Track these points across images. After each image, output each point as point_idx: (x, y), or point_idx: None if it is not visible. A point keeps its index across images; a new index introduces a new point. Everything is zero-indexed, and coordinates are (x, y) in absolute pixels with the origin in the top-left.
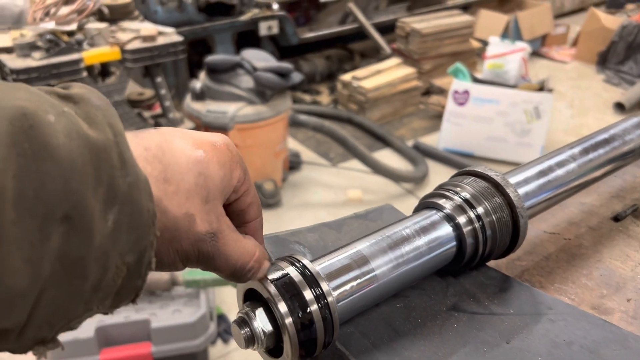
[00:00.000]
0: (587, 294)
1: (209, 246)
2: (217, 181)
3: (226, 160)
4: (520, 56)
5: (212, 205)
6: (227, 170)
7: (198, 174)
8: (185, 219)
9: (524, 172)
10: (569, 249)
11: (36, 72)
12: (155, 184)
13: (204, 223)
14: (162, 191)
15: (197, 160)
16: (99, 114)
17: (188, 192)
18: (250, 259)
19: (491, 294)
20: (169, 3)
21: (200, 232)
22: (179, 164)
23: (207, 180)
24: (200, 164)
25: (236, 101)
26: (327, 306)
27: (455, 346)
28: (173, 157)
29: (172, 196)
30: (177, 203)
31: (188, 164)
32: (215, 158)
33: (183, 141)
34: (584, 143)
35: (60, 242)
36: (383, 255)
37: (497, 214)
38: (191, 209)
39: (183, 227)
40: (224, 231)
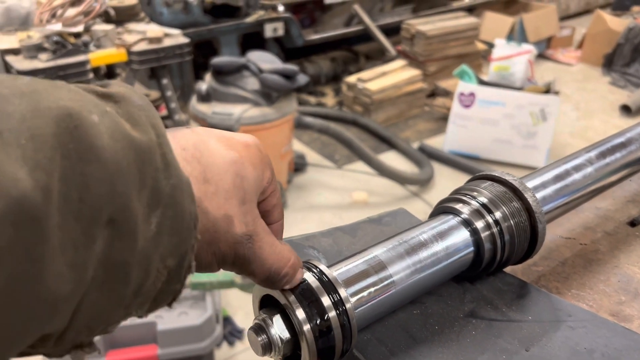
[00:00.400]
0: (605, 301)
1: (245, 249)
2: (252, 182)
3: (258, 161)
4: (526, 58)
5: (248, 206)
6: (259, 171)
7: (235, 174)
8: (224, 221)
9: (540, 176)
10: (585, 254)
11: (43, 74)
12: (195, 185)
13: (242, 224)
14: (203, 192)
15: (233, 161)
16: (142, 114)
17: (227, 192)
18: (285, 264)
19: (509, 300)
20: (174, 5)
21: (237, 234)
22: (217, 164)
23: (244, 181)
24: (236, 164)
25: (242, 103)
26: (345, 313)
27: (473, 353)
28: (211, 157)
29: (212, 197)
30: (217, 204)
31: (225, 165)
32: (249, 159)
33: (218, 142)
34: (600, 147)
35: (104, 246)
36: (400, 261)
37: (515, 219)
38: (230, 210)
39: (222, 228)
40: (260, 234)
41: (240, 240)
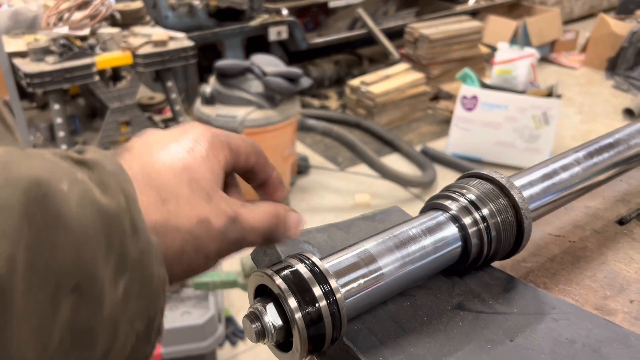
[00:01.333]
0: (590, 295)
1: (235, 233)
2: (208, 176)
3: (207, 148)
4: (529, 62)
5: (216, 198)
6: (212, 159)
7: (189, 181)
8: (200, 226)
9: (528, 175)
10: (573, 252)
11: (49, 76)
12: (156, 211)
13: (219, 218)
14: (166, 212)
15: (182, 169)
16: (112, 179)
17: (189, 201)
18: (271, 216)
19: (496, 293)
20: (179, 8)
21: (221, 227)
22: (168, 181)
23: (200, 182)
24: (187, 171)
25: (245, 105)
26: (335, 302)
27: (460, 343)
28: (160, 175)
29: (177, 213)
30: (185, 216)
31: (176, 176)
32: (197, 154)
33: (161, 154)
34: (588, 147)
35: (69, 312)
36: (390, 254)
37: (502, 216)
38: (201, 214)
39: (202, 233)
40: (239, 210)
41: (226, 229)
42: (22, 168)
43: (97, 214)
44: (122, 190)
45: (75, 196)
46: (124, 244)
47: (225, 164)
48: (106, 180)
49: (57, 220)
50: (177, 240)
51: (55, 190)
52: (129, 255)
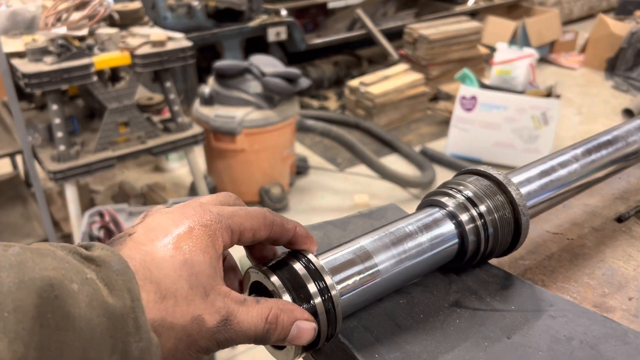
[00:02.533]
0: (589, 293)
1: (225, 334)
2: (207, 269)
3: (205, 240)
4: (528, 62)
5: (213, 294)
6: (210, 251)
7: (189, 276)
8: (194, 323)
9: (526, 172)
10: (571, 249)
11: (48, 77)
12: (154, 307)
13: (212, 316)
14: (163, 310)
15: (182, 262)
16: (119, 279)
17: (186, 298)
18: (262, 322)
19: (493, 291)
20: (178, 9)
21: (212, 327)
22: (168, 275)
23: (199, 276)
24: (186, 265)
25: (244, 106)
26: (330, 299)
27: (456, 341)
28: (160, 270)
29: (173, 310)
30: (181, 313)
31: (176, 271)
32: (196, 246)
33: (163, 245)
34: (586, 144)
35: None
36: (386, 251)
37: (499, 212)
38: (196, 311)
39: (194, 330)
40: (234, 311)
41: (217, 330)
42: (36, 268)
43: (105, 314)
44: (127, 290)
45: (85, 297)
46: (127, 342)
47: (224, 248)
48: (113, 279)
49: (67, 321)
50: (171, 339)
51: (66, 291)
52: (130, 354)
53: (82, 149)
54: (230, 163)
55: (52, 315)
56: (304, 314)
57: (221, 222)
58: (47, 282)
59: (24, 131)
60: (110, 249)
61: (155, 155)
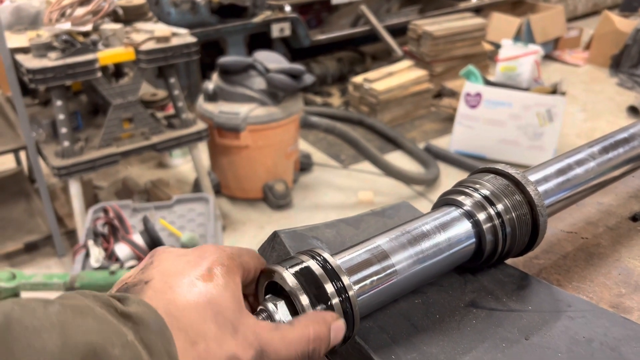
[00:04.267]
0: (605, 293)
1: None
2: (231, 305)
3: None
4: (533, 59)
5: (242, 328)
6: (231, 285)
7: (214, 315)
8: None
9: (543, 170)
10: (586, 248)
11: (52, 72)
12: (187, 356)
13: (246, 351)
14: (195, 354)
15: (206, 303)
16: (158, 342)
17: (216, 339)
18: (307, 344)
19: (509, 291)
20: (182, 5)
21: None
22: (195, 320)
23: (224, 312)
24: (210, 304)
25: (248, 102)
26: (348, 300)
27: (474, 342)
28: (185, 317)
29: (206, 355)
30: (214, 356)
31: (201, 315)
32: (217, 284)
33: (183, 289)
34: (603, 142)
35: None
36: (403, 251)
37: (517, 212)
38: (229, 350)
39: None
40: (268, 341)
41: None
42: (78, 331)
43: None
44: (167, 353)
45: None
46: None
47: (241, 285)
48: (152, 342)
49: None
50: None
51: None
52: None
53: (86, 145)
54: (234, 159)
55: None
56: (332, 315)
57: (235, 260)
58: (90, 347)
59: (28, 127)
60: (146, 305)
61: (159, 152)
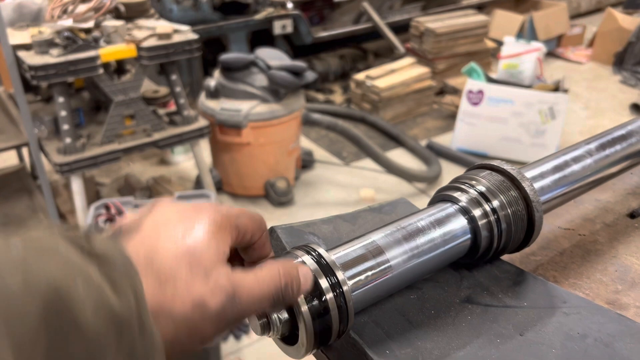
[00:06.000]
0: (602, 289)
1: (233, 308)
2: (211, 253)
3: (214, 230)
4: (536, 56)
5: (215, 275)
6: (217, 239)
7: (189, 263)
8: (195, 308)
9: (539, 167)
10: (583, 245)
11: (54, 69)
12: (152, 293)
13: (216, 297)
14: (161, 295)
15: (184, 252)
16: (124, 279)
17: (186, 282)
18: (278, 277)
19: (505, 287)
20: (184, 2)
21: (218, 308)
22: (169, 265)
23: (201, 260)
24: (189, 252)
25: (250, 99)
26: (342, 295)
27: (468, 337)
28: (161, 260)
29: (172, 296)
30: (180, 299)
31: (177, 260)
32: (203, 237)
33: (168, 238)
34: (600, 139)
35: None
36: (398, 246)
37: (513, 208)
38: (196, 295)
39: (197, 317)
40: (240, 283)
41: (223, 309)
42: (40, 271)
43: (110, 319)
44: (132, 290)
45: (91, 301)
46: (133, 343)
47: (231, 244)
48: (118, 279)
49: (74, 327)
50: (170, 329)
51: (72, 296)
52: (136, 353)
53: (88, 142)
54: (236, 156)
55: (58, 322)
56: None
57: (230, 220)
58: (53, 286)
59: (30, 123)
60: (112, 243)
61: (161, 148)
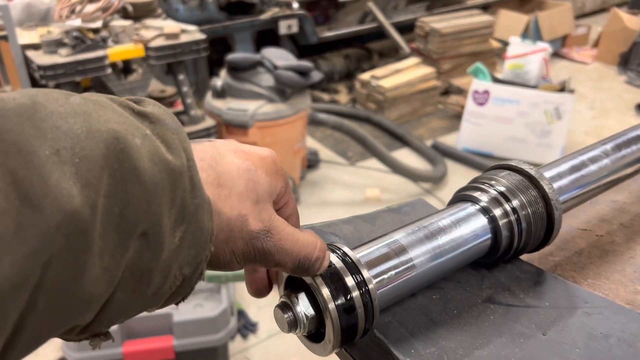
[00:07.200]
0: (621, 290)
1: (264, 242)
2: (266, 186)
3: (272, 171)
4: (541, 56)
5: (262, 205)
6: (272, 179)
7: (247, 179)
8: (238, 220)
9: (557, 167)
10: (601, 246)
11: (62, 69)
12: (210, 189)
13: (257, 222)
14: (216, 195)
15: (246, 168)
16: (175, 138)
17: (239, 195)
18: (313, 249)
19: (526, 287)
20: (190, 1)
21: (253, 231)
22: (230, 171)
23: (256, 185)
24: (249, 172)
25: (256, 99)
26: (367, 293)
27: (491, 337)
28: (225, 166)
29: (225, 199)
30: (230, 205)
31: (238, 172)
32: (263, 168)
33: (234, 154)
34: (616, 139)
35: (134, 255)
36: (421, 246)
37: (533, 207)
38: (243, 210)
39: (236, 227)
40: (278, 227)
41: (257, 235)
42: (100, 120)
43: (165, 170)
44: (183, 149)
45: (147, 152)
46: (184, 198)
47: (279, 191)
48: (169, 138)
49: (132, 173)
50: (214, 223)
51: (130, 145)
52: (187, 209)
53: None
54: None
55: (118, 166)
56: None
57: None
58: (113, 134)
59: None
60: (161, 106)
61: None
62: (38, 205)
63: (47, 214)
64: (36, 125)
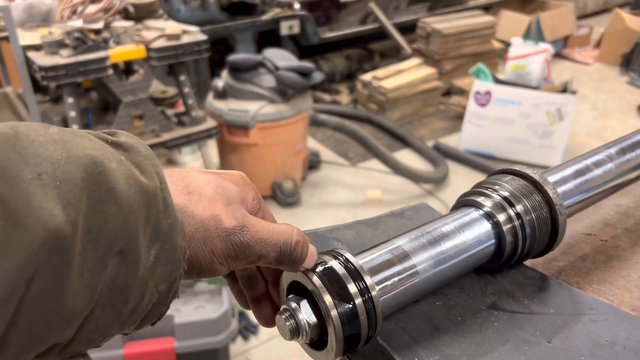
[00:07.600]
0: (626, 296)
1: (241, 237)
2: (235, 192)
3: (240, 182)
4: (543, 57)
5: (234, 206)
6: (241, 188)
7: (216, 186)
8: (211, 220)
9: (561, 172)
10: (605, 251)
11: (64, 70)
12: (180, 197)
13: (230, 219)
14: (187, 200)
15: (214, 179)
16: (148, 163)
17: (210, 198)
18: (291, 234)
19: (530, 293)
20: (191, 2)
21: (228, 228)
22: (198, 181)
23: (225, 190)
24: (217, 181)
25: (258, 100)
26: (370, 300)
27: (495, 344)
28: (192, 178)
29: (196, 203)
30: (202, 207)
31: (206, 181)
32: (230, 180)
33: (200, 172)
34: (620, 143)
35: (112, 272)
36: (424, 252)
37: (537, 212)
38: (215, 211)
39: (211, 226)
40: (253, 221)
41: (233, 231)
42: (78, 147)
43: (140, 191)
44: (156, 173)
45: (123, 175)
46: (158, 218)
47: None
48: (143, 163)
49: (110, 195)
50: (189, 226)
51: (107, 169)
52: (161, 228)
53: None
54: (243, 157)
55: (96, 188)
56: None
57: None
58: (91, 159)
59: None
60: (133, 136)
61: (169, 149)
62: (23, 223)
63: (31, 232)
64: (19, 152)
